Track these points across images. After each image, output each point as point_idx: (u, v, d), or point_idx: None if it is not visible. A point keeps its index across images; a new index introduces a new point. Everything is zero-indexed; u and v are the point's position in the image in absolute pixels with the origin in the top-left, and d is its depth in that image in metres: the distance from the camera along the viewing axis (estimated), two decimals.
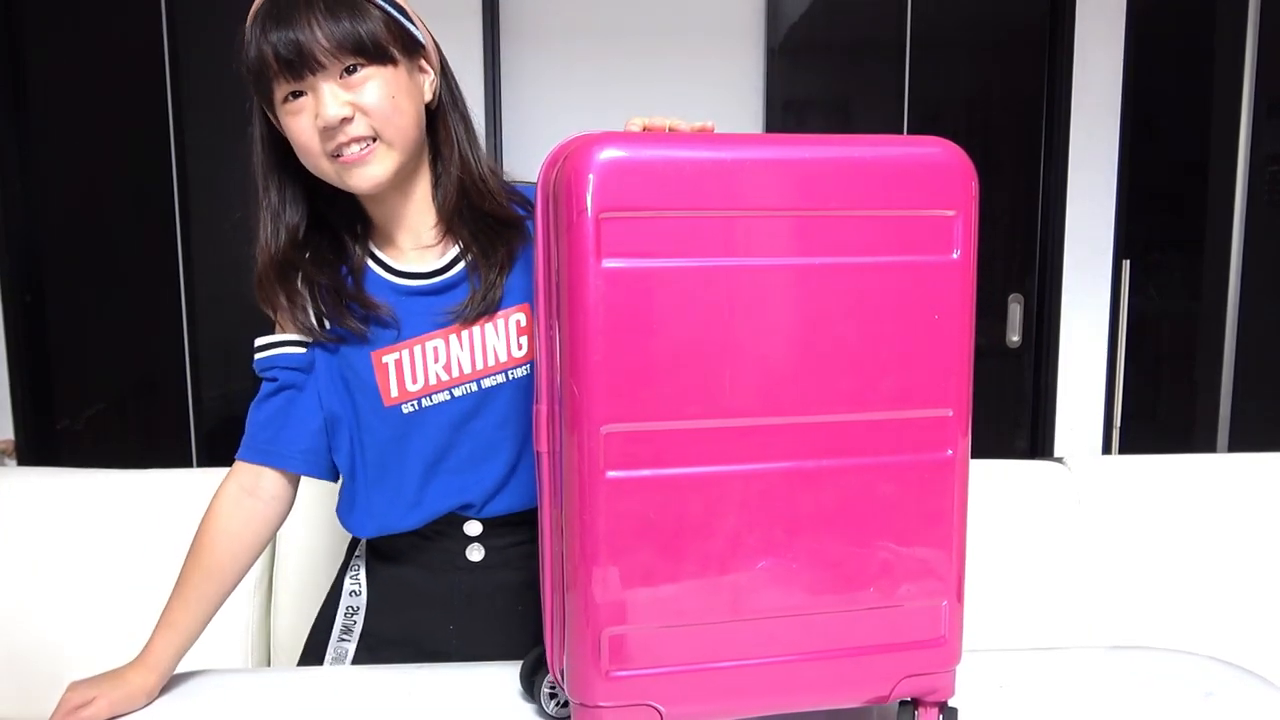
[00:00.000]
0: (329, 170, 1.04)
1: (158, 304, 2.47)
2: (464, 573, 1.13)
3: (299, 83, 1.00)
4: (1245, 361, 2.62)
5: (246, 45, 1.01)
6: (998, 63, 2.58)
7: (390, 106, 1.02)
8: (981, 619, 0.98)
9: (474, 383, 1.08)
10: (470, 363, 1.08)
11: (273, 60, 0.99)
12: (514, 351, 1.08)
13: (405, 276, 1.10)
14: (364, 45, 1.00)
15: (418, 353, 1.08)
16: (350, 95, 1.00)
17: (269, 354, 1.11)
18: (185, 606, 1.07)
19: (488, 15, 2.32)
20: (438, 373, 1.08)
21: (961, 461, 0.82)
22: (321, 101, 1.00)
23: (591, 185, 0.72)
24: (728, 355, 0.76)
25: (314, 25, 0.98)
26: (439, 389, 1.08)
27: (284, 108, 1.02)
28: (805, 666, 0.82)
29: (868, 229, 0.78)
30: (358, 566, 1.18)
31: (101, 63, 2.46)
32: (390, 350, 1.08)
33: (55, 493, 1.66)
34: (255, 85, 1.03)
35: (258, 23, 1.00)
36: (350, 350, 1.09)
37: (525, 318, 1.09)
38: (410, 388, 1.08)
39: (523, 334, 1.08)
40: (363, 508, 1.12)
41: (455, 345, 1.08)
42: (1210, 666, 1.06)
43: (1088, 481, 1.69)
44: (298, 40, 0.98)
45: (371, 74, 1.01)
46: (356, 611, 1.16)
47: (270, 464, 1.10)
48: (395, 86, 1.02)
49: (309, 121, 1.01)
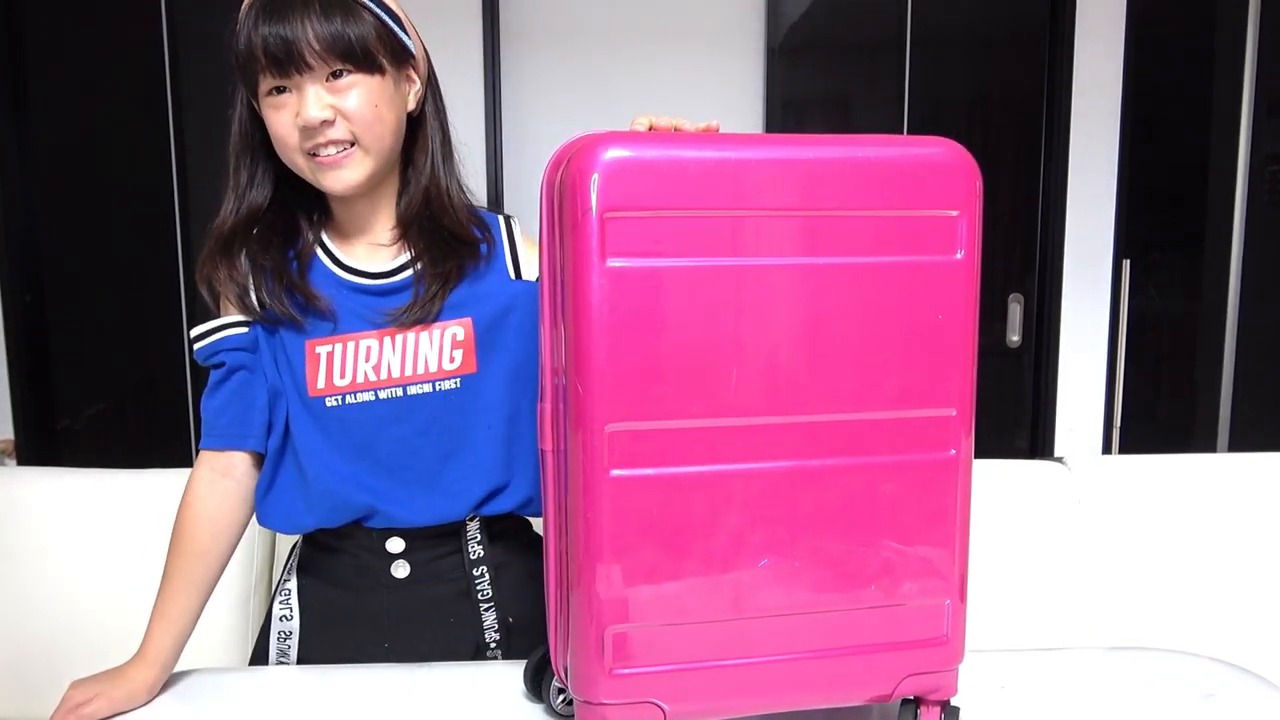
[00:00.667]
0: (303, 166, 1.05)
1: (158, 304, 2.47)
2: (390, 591, 1.12)
3: (284, 79, 1.01)
4: (1245, 361, 2.62)
5: (238, 33, 1.02)
6: (998, 63, 2.58)
7: (372, 115, 1.03)
8: (981, 619, 0.98)
9: (400, 388, 1.07)
10: (400, 367, 1.07)
11: (261, 54, 0.99)
12: (445, 364, 1.08)
13: (352, 272, 1.10)
14: (353, 51, 1.00)
15: (350, 349, 1.07)
16: (333, 99, 1.01)
17: (212, 339, 1.10)
18: (175, 595, 1.07)
19: (488, 16, 2.32)
20: (367, 372, 1.07)
21: (965, 461, 0.82)
22: (304, 102, 1.01)
23: (596, 185, 0.72)
24: (732, 355, 0.76)
25: (306, 24, 0.99)
26: (365, 388, 1.07)
27: (267, 100, 1.03)
28: (808, 665, 0.82)
29: (872, 229, 0.78)
30: (287, 591, 1.16)
31: (101, 63, 2.45)
32: (325, 342, 1.08)
33: (55, 493, 1.66)
34: (241, 73, 1.03)
35: (252, 12, 1.01)
36: (286, 334, 1.08)
37: (463, 332, 1.08)
38: (338, 382, 1.07)
39: (457, 348, 1.08)
40: (273, 500, 1.10)
41: (388, 348, 1.07)
42: (1211, 667, 1.06)
43: (1088, 481, 1.69)
44: (288, 38, 0.98)
45: (357, 81, 1.02)
46: (290, 636, 1.15)
47: (238, 447, 1.09)
48: (379, 95, 1.03)
49: (289, 118, 1.02)
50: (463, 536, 1.12)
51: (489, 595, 1.13)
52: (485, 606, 1.13)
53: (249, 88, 1.04)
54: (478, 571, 1.13)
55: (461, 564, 1.13)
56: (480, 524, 1.13)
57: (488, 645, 1.14)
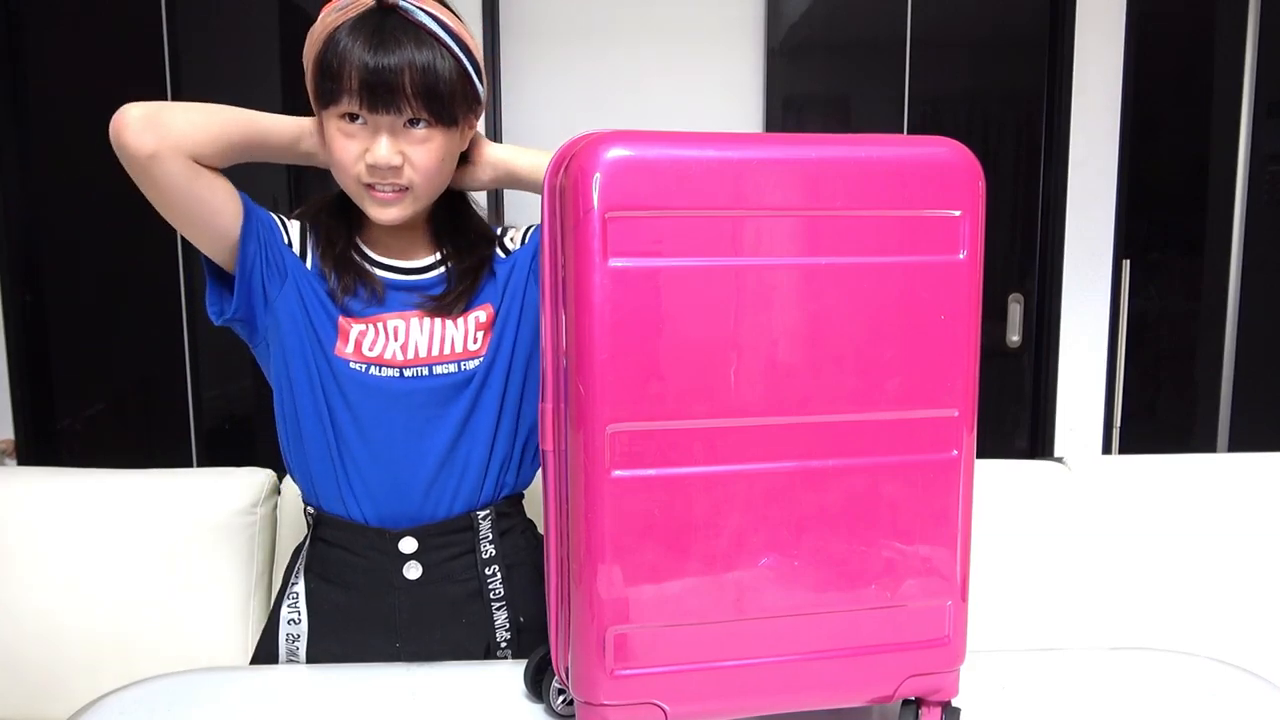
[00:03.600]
0: (354, 190, 1.07)
1: (158, 304, 2.46)
2: (402, 592, 1.12)
3: (369, 113, 1.02)
4: (1245, 361, 2.62)
5: (331, 44, 1.01)
6: (998, 63, 2.58)
7: (436, 169, 1.06)
8: (981, 619, 0.98)
9: (425, 367, 1.10)
10: (427, 348, 1.10)
11: (355, 79, 1.00)
12: (469, 345, 1.11)
13: (385, 269, 1.13)
14: (439, 99, 1.02)
15: (379, 328, 1.10)
16: (406, 146, 1.03)
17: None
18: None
19: (488, 15, 2.32)
20: (395, 350, 1.09)
21: (967, 461, 0.82)
22: (378, 143, 1.03)
23: (598, 184, 0.72)
24: (733, 355, 0.76)
25: (405, 65, 0.99)
26: (391, 364, 1.09)
27: (338, 122, 1.04)
28: (809, 666, 0.82)
29: (874, 229, 0.78)
30: (295, 594, 1.16)
31: (101, 63, 2.45)
32: (356, 321, 1.10)
33: (55, 493, 1.66)
34: (320, 84, 1.04)
35: (354, 34, 1.00)
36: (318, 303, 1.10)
37: (486, 315, 1.12)
38: (366, 352, 1.09)
39: (480, 329, 1.11)
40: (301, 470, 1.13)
41: (416, 329, 1.10)
42: (1211, 667, 1.06)
43: (1088, 481, 1.69)
44: (390, 75, 0.99)
45: (431, 135, 1.04)
46: (297, 639, 1.14)
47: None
48: (446, 149, 1.06)
49: (357, 149, 1.04)
50: (475, 536, 1.12)
51: (501, 595, 1.13)
52: (497, 606, 1.13)
53: (323, 100, 1.05)
54: (490, 571, 1.13)
55: (474, 564, 1.13)
56: (492, 522, 1.13)
57: (499, 645, 1.14)
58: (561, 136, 0.82)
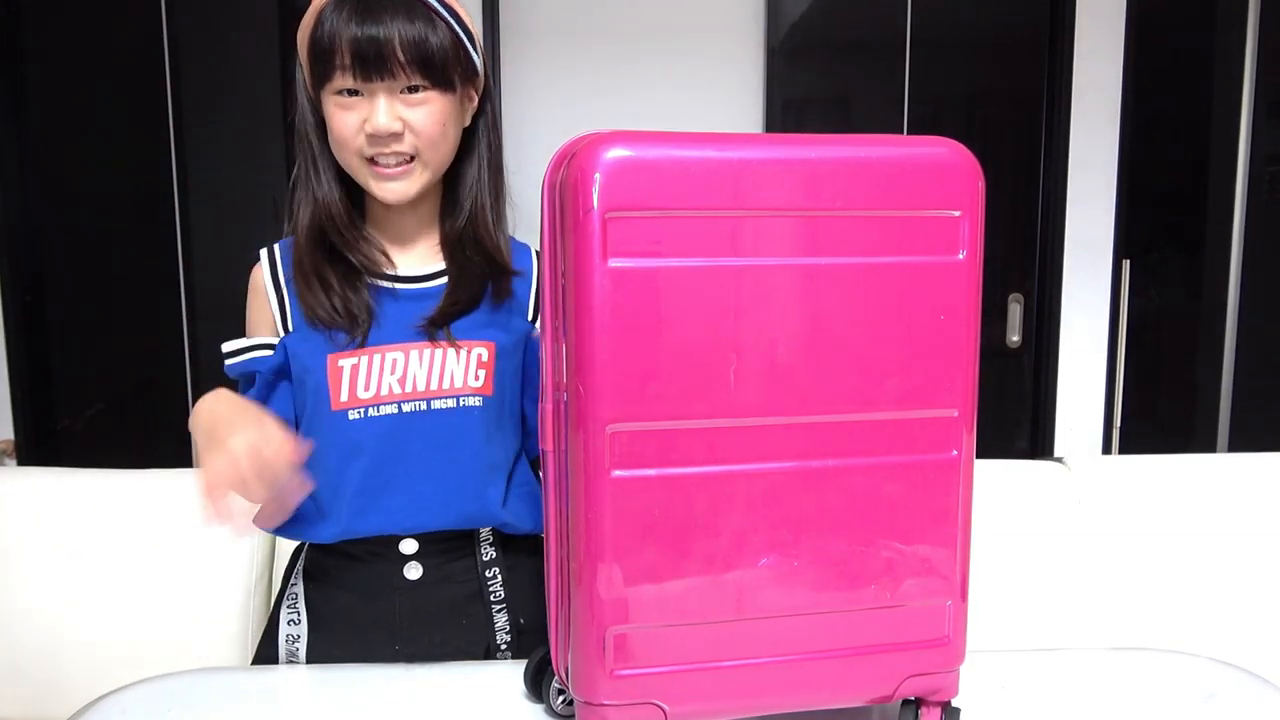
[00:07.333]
0: (358, 169, 1.06)
1: (158, 304, 2.47)
2: (402, 593, 1.11)
3: (364, 83, 1.01)
4: (1245, 361, 2.63)
5: (320, 23, 1.01)
6: (998, 63, 2.58)
7: (438, 133, 1.04)
8: (981, 619, 0.98)
9: (424, 401, 1.07)
10: (425, 381, 1.07)
11: (347, 52, 0.99)
12: (470, 381, 1.08)
13: (387, 278, 1.10)
14: (433, 65, 1.01)
15: (376, 361, 1.07)
16: (404, 111, 1.02)
17: (244, 359, 1.11)
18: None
19: (488, 15, 2.32)
20: (391, 384, 1.07)
21: (967, 461, 0.82)
22: (376, 110, 1.01)
23: (598, 184, 0.72)
24: (733, 355, 0.76)
25: (395, 30, 0.99)
26: (389, 400, 1.06)
27: (334, 98, 1.03)
28: (809, 666, 0.82)
29: (874, 229, 0.78)
30: (294, 597, 1.15)
31: (101, 63, 2.45)
32: (349, 355, 1.06)
33: (55, 493, 1.66)
34: (314, 65, 1.03)
35: (340, 8, 1.00)
36: (310, 348, 1.07)
37: (487, 354, 1.08)
38: (361, 395, 1.06)
39: (481, 368, 1.08)
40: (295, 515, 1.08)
41: (415, 361, 1.07)
42: (1211, 668, 1.06)
43: (1088, 481, 1.69)
44: (379, 41, 0.98)
45: (430, 98, 1.03)
46: (297, 641, 1.14)
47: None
48: (447, 113, 1.05)
49: (356, 121, 1.03)
50: (475, 538, 1.12)
51: (501, 597, 1.13)
52: (497, 608, 1.13)
53: (318, 80, 1.04)
54: (490, 573, 1.13)
55: (474, 566, 1.13)
56: (492, 527, 1.13)
57: (499, 647, 1.13)
58: (561, 135, 0.82)
